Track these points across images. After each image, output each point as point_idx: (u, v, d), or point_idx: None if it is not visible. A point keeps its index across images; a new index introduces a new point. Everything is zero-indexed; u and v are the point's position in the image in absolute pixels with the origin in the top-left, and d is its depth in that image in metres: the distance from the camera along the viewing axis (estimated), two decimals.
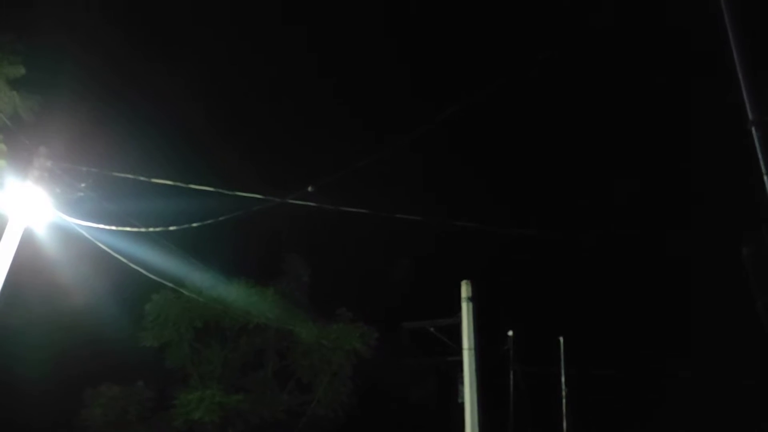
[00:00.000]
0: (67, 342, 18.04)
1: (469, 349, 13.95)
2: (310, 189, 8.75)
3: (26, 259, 10.37)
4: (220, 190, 10.19)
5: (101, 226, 10.50)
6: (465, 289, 14.26)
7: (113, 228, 10.47)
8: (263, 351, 20.07)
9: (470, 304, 14.19)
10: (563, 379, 19.02)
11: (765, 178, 6.35)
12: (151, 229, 10.71)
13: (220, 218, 10.48)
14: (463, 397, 13.44)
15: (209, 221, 10.31)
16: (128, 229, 10.53)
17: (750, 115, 6.60)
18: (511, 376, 17.80)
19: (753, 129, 6.62)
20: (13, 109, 11.19)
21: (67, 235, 11.06)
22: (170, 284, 15.16)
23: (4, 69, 11.03)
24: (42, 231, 10.41)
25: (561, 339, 19.28)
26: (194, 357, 19.50)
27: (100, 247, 10.97)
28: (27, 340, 17.43)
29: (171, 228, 10.66)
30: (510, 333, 17.78)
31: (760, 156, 6.56)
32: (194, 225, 10.45)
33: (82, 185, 10.25)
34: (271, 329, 19.40)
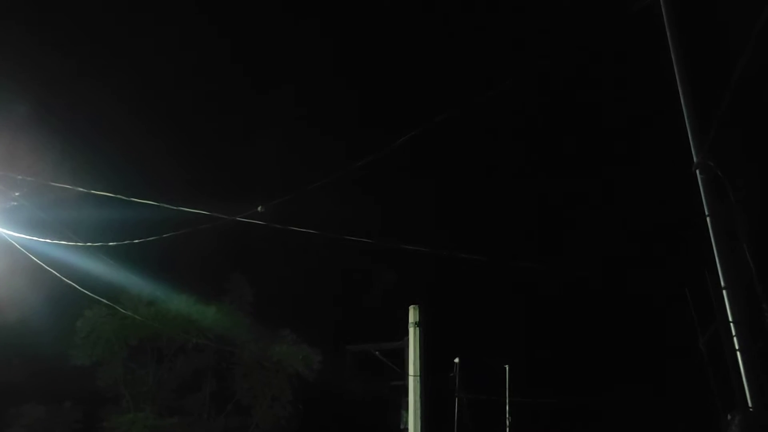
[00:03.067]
0: None
1: (415, 375, 13.83)
2: (260, 209, 8.50)
3: None
4: (165, 205, 9.78)
5: (35, 238, 9.92)
6: (413, 314, 14.16)
7: (47, 241, 9.90)
8: (201, 372, 19.45)
9: (417, 329, 14.09)
10: (507, 407, 19.12)
11: (708, 219, 6.56)
12: (88, 244, 10.18)
13: (164, 235, 10.04)
14: (406, 424, 13.28)
15: (151, 238, 9.86)
16: (64, 243, 9.98)
17: (695, 158, 6.84)
18: (456, 404, 17.73)
19: (697, 172, 6.86)
20: None
21: None
22: (104, 300, 14.49)
23: None
24: None
25: (506, 367, 19.39)
26: (127, 377, 18.71)
27: (33, 260, 10.36)
28: None
29: (110, 244, 10.15)
30: (456, 360, 17.77)
31: (703, 198, 6.78)
32: (135, 241, 9.98)
33: (16, 194, 9.69)
34: (210, 349, 18.82)
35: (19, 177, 9.75)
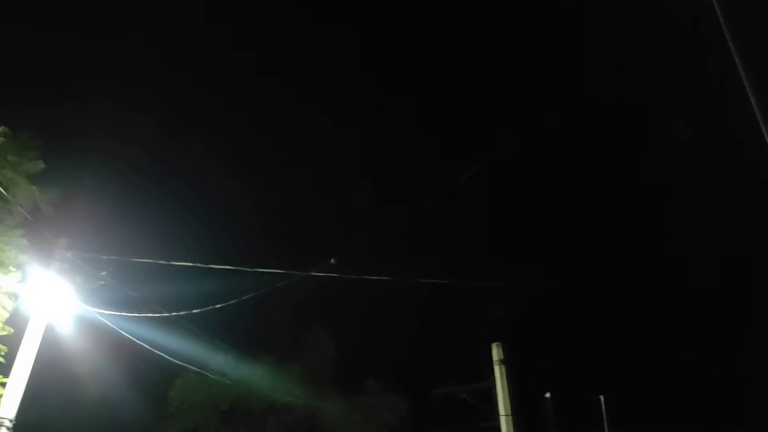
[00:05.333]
0: None
1: (506, 415, 13.36)
2: (332, 261, 8.58)
3: (47, 350, 10.20)
4: (241, 268, 10.04)
5: (123, 313, 10.35)
6: (496, 352, 13.78)
7: (135, 315, 10.30)
8: (292, 430, 19.43)
9: (503, 367, 13.68)
10: None
11: None
12: (173, 314, 10.52)
13: (243, 297, 10.28)
14: None
15: (232, 301, 10.11)
16: (150, 315, 10.36)
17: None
18: None
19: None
20: (33, 204, 11.29)
21: (88, 324, 10.91)
22: (194, 368, 14.84)
23: (24, 165, 11.21)
24: (64, 322, 10.28)
25: (602, 398, 18.34)
26: None
27: (122, 335, 10.78)
28: None
29: (194, 311, 10.47)
30: (547, 395, 17.05)
31: None
32: (217, 306, 10.25)
33: (103, 273, 10.17)
34: (298, 407, 18.84)
35: (104, 257, 10.26)
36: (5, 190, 10.42)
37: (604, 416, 18.03)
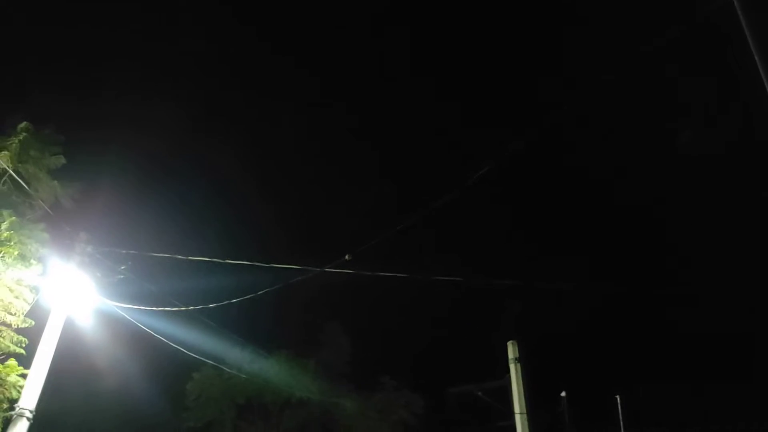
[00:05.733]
0: (103, 427, 17.81)
1: (521, 413, 13.30)
2: (347, 257, 8.57)
3: (66, 342, 10.35)
4: (258, 264, 10.09)
5: (142, 307, 10.47)
6: (512, 350, 13.72)
7: (154, 309, 10.42)
8: (307, 425, 19.51)
9: (518, 365, 13.63)
10: None
11: None
12: (191, 308, 10.62)
13: (259, 292, 10.33)
14: None
15: (248, 296, 10.17)
16: (168, 309, 10.46)
17: None
18: None
19: None
20: (53, 198, 11.46)
21: (108, 318, 11.05)
22: (211, 362, 14.97)
23: (46, 160, 11.38)
24: (83, 315, 10.42)
25: (618, 397, 18.14)
26: None
27: (140, 328, 10.91)
28: (63, 429, 17.26)
29: (211, 305, 10.55)
30: (563, 394, 16.90)
31: None
32: (234, 301, 10.32)
33: (122, 267, 10.28)
34: (314, 402, 18.91)
35: (124, 251, 10.38)
36: (27, 185, 10.59)
37: (620, 415, 17.84)
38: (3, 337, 10.57)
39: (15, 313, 10.56)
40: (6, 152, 11.00)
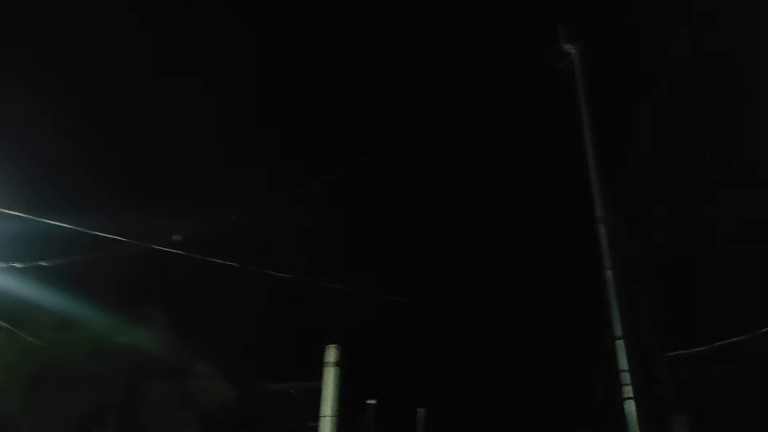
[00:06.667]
0: None
1: (331, 416, 13.63)
2: (175, 237, 8.34)
3: None
4: (79, 228, 9.44)
5: None
6: (331, 353, 14.03)
7: None
8: (107, 405, 18.44)
9: (336, 369, 13.97)
10: None
11: (607, 272, 6.95)
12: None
13: (74, 258, 9.67)
14: None
15: (60, 261, 9.46)
16: None
17: (597, 213, 7.28)
18: None
19: (600, 226, 7.30)
20: None
21: None
22: (4, 323, 13.65)
23: None
24: None
25: (420, 410, 19.29)
26: (27, 406, 17.50)
27: None
28: None
29: (16, 265, 9.67)
30: (370, 401, 17.62)
31: (605, 251, 7.19)
32: (42, 263, 9.54)
33: None
34: (117, 381, 17.93)
35: None
36: None
37: (420, 429, 19.00)
38: None
39: None
40: None
